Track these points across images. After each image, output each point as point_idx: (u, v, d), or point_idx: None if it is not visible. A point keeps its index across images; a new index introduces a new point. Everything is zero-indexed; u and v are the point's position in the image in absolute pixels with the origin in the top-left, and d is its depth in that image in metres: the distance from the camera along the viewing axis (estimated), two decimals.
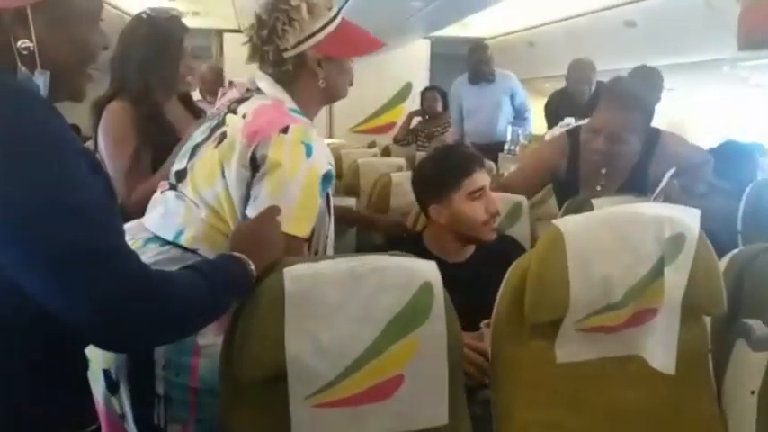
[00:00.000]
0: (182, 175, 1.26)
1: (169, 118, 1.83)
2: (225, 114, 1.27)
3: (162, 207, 1.26)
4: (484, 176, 1.65)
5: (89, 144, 1.80)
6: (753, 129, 4.46)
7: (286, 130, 1.16)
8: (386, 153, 4.90)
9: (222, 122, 1.25)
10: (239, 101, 1.29)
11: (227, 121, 1.25)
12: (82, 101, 0.90)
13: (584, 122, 2.11)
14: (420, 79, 6.79)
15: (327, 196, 1.29)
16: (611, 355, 1.21)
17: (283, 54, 1.25)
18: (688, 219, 1.19)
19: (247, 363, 1.04)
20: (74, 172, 0.75)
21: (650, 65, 3.45)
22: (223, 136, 1.21)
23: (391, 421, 1.10)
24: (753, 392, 1.20)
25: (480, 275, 1.54)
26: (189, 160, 1.26)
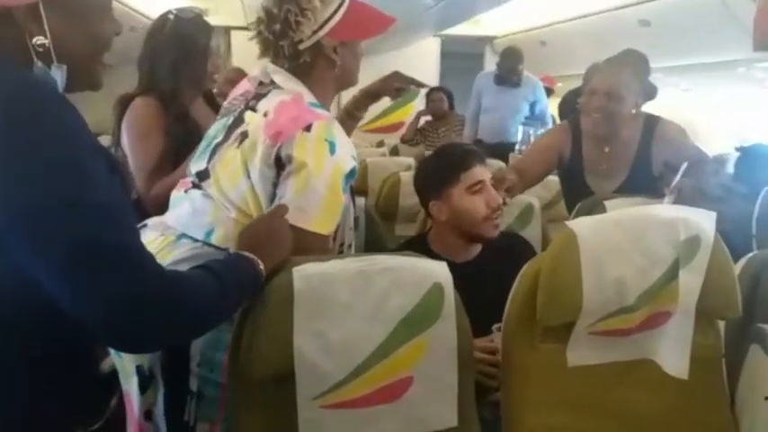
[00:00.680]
0: (204, 175, 1.25)
1: (193, 115, 1.84)
2: (242, 112, 1.26)
3: (189, 206, 1.25)
4: (483, 170, 1.62)
5: (105, 138, 1.81)
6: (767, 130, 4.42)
7: (309, 127, 1.15)
8: (394, 152, 4.90)
9: (241, 120, 1.24)
10: (257, 96, 1.27)
11: (246, 118, 1.23)
12: (99, 89, 0.90)
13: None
14: (430, 77, 6.76)
15: (351, 189, 1.29)
16: (623, 359, 1.19)
17: (299, 46, 1.24)
18: (703, 221, 1.18)
19: (256, 362, 1.03)
20: (90, 169, 0.74)
21: (665, 65, 3.42)
22: (244, 135, 1.20)
23: (400, 423, 1.10)
24: (766, 398, 1.19)
25: (488, 274, 1.53)
26: (209, 160, 1.26)
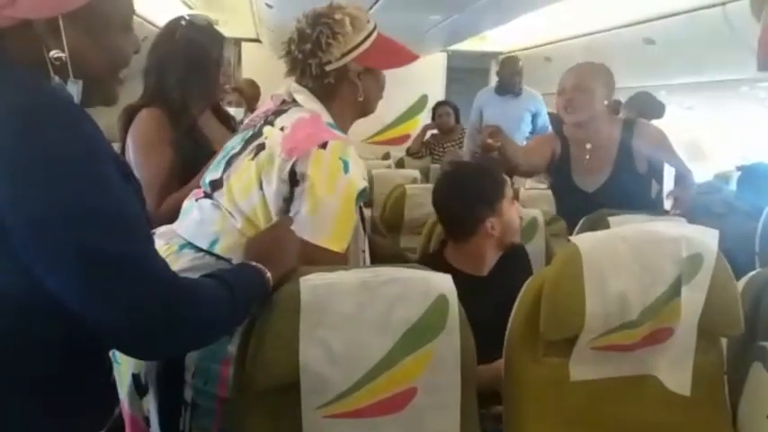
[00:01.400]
0: (217, 185, 1.26)
1: (201, 127, 1.76)
2: (262, 126, 1.28)
3: (198, 214, 1.26)
4: None
5: (115, 146, 1.78)
6: None
7: (325, 145, 1.16)
8: (400, 165, 4.92)
9: (259, 134, 1.26)
10: (276, 113, 1.29)
11: (264, 132, 1.25)
12: (115, 104, 0.91)
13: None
14: (436, 92, 6.79)
15: (360, 210, 1.30)
16: (625, 375, 1.20)
17: (325, 67, 1.27)
18: (706, 239, 1.19)
19: (261, 371, 1.04)
20: (106, 179, 0.75)
21: (668, 83, 3.44)
22: (260, 148, 1.21)
23: None
24: None
25: (504, 286, 1.54)
26: (224, 170, 1.27)
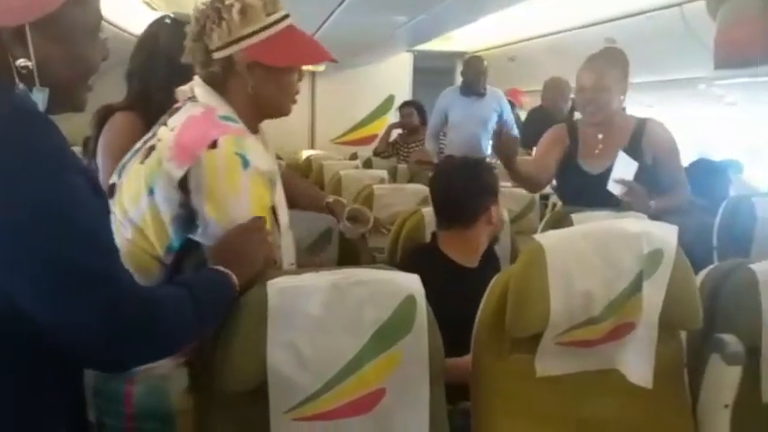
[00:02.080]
0: (111, 191, 1.17)
1: None
2: (160, 126, 1.19)
3: None
4: None
5: (78, 149, 1.70)
6: (726, 145, 4.57)
7: (215, 144, 1.08)
8: (367, 165, 4.92)
9: (153, 135, 1.17)
10: (172, 111, 1.20)
11: (158, 134, 1.16)
12: (83, 111, 0.88)
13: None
14: (402, 92, 6.84)
15: (272, 209, 1.20)
16: (589, 369, 1.22)
17: (211, 55, 1.18)
18: (666, 235, 1.22)
19: (229, 376, 1.03)
20: (73, 191, 0.74)
21: (629, 81, 3.51)
22: (151, 150, 1.13)
23: None
24: (726, 406, 1.23)
25: (487, 279, 1.55)
26: (120, 175, 1.18)
